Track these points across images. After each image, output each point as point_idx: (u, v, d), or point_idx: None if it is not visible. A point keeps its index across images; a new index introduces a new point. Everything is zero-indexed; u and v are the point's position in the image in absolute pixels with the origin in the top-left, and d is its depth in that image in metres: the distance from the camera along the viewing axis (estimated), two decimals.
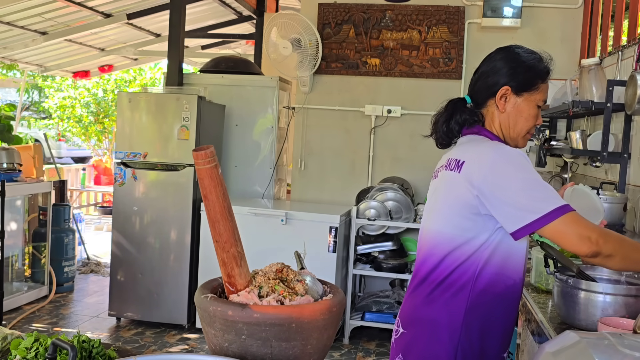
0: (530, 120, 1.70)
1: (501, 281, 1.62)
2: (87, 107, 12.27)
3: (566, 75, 4.23)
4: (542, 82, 1.70)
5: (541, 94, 1.70)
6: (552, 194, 1.52)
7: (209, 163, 1.14)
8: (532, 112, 1.70)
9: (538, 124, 1.71)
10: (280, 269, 1.22)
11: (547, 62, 1.75)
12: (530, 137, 1.73)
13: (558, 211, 1.48)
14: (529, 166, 1.56)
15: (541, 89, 1.70)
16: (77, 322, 4.74)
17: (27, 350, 1.20)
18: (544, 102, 1.71)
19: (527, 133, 1.71)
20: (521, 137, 1.72)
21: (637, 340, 0.92)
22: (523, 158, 1.57)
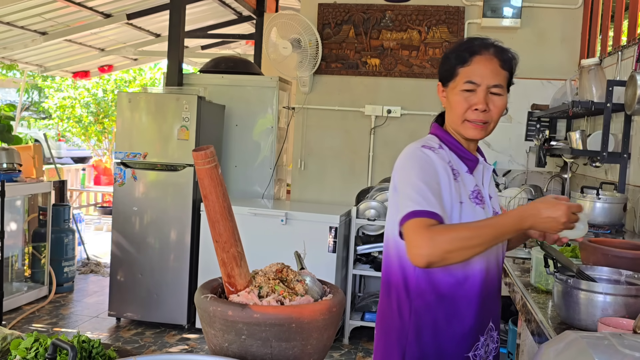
0: (457, 107, 1.60)
1: (441, 281, 1.59)
2: (87, 107, 12.28)
3: (566, 75, 4.23)
4: (462, 65, 1.61)
5: (463, 76, 1.60)
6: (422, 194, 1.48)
7: (209, 163, 1.14)
8: (457, 98, 1.60)
9: (475, 107, 1.58)
10: (280, 269, 1.22)
11: (469, 42, 1.65)
12: (474, 126, 1.59)
13: (405, 217, 1.46)
14: (422, 164, 1.55)
15: (462, 73, 1.60)
16: (77, 322, 4.74)
17: (27, 351, 1.20)
18: (469, 82, 1.58)
19: (464, 120, 1.60)
20: (459, 125, 1.62)
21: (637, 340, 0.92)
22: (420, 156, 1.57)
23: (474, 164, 1.67)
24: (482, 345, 1.66)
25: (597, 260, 1.81)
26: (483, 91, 1.58)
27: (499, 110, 1.61)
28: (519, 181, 4.79)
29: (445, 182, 1.57)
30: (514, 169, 4.85)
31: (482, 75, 1.59)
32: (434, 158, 1.58)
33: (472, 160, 1.66)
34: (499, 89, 1.60)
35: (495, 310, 1.72)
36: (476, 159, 1.68)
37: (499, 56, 1.62)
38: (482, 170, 1.70)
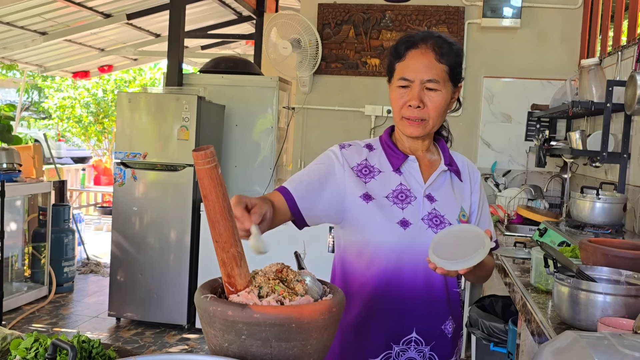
0: (394, 104, 1.59)
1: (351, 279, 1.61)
2: (86, 108, 12.28)
3: (566, 75, 4.23)
4: (399, 61, 1.58)
5: (398, 72, 1.57)
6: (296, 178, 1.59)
7: (209, 163, 1.14)
8: (393, 94, 1.58)
9: (409, 103, 1.55)
10: (280, 269, 1.22)
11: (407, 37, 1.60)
12: (409, 123, 1.56)
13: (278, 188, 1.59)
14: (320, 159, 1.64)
15: (397, 68, 1.58)
16: (76, 323, 4.74)
17: (26, 351, 1.20)
18: (403, 79, 1.55)
19: (401, 117, 1.57)
20: (398, 123, 1.61)
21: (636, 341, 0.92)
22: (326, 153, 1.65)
23: (399, 161, 1.61)
24: (397, 355, 1.57)
25: (597, 260, 1.81)
26: (417, 87, 1.54)
27: (435, 106, 1.55)
28: (519, 181, 4.79)
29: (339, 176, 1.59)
30: (514, 169, 4.85)
31: (416, 70, 1.54)
32: (337, 153, 1.63)
33: (398, 158, 1.61)
34: (434, 84, 1.54)
35: (425, 323, 1.58)
36: (404, 156, 1.61)
37: (436, 49, 1.54)
38: (419, 168, 1.62)
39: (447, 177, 1.64)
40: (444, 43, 1.56)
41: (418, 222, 1.56)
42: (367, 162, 1.62)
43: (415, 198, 1.58)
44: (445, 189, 1.63)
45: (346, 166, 1.60)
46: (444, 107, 1.57)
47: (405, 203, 1.57)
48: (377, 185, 1.58)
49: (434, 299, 1.58)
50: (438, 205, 1.59)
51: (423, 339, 1.57)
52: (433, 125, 1.58)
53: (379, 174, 1.60)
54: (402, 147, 1.64)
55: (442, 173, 1.63)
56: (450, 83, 1.57)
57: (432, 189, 1.60)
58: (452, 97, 1.61)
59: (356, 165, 1.61)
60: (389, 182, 1.59)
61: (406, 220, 1.55)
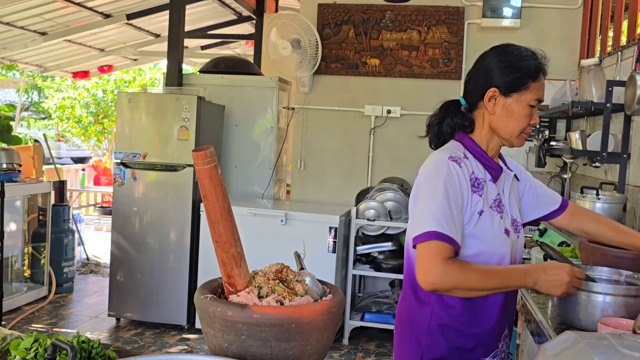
0: (522, 121, 1.65)
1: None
2: (86, 108, 12.28)
3: (566, 75, 4.23)
4: (533, 80, 1.64)
5: (533, 93, 1.64)
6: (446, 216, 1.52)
7: (209, 163, 1.14)
8: (523, 112, 1.64)
9: (534, 124, 1.67)
10: (280, 270, 1.22)
11: (540, 59, 1.70)
12: (526, 137, 1.70)
13: (426, 235, 1.51)
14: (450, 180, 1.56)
15: (532, 88, 1.64)
16: (76, 323, 4.74)
17: (26, 351, 1.20)
18: (537, 100, 1.65)
19: (521, 133, 1.67)
20: (514, 137, 1.67)
21: (636, 341, 0.92)
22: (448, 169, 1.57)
23: (497, 173, 1.69)
24: (500, 352, 1.69)
25: (597, 261, 1.81)
26: (537, 109, 1.67)
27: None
28: None
29: (466, 196, 1.59)
30: None
31: (544, 95, 1.68)
32: (459, 172, 1.58)
33: (496, 170, 1.69)
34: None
35: (512, 316, 1.74)
36: (500, 168, 1.70)
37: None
38: (504, 178, 1.72)
39: (511, 182, 1.75)
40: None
41: (510, 228, 1.68)
42: (474, 175, 1.65)
43: (504, 206, 1.69)
44: (512, 193, 1.76)
45: (467, 186, 1.60)
46: None
47: (502, 212, 1.67)
48: (485, 197, 1.65)
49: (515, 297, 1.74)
50: (512, 209, 1.73)
51: (509, 331, 1.72)
52: None
53: (484, 184, 1.66)
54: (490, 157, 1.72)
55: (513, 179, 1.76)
56: None
57: (510, 196, 1.73)
58: None
59: (471, 180, 1.63)
60: (491, 193, 1.67)
61: (507, 229, 1.66)
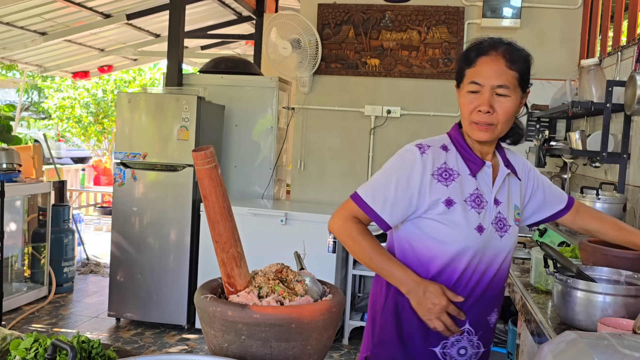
0: (464, 109, 1.62)
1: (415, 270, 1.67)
2: (86, 108, 12.28)
3: (566, 75, 4.23)
4: (468, 67, 1.61)
5: (468, 77, 1.60)
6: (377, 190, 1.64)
7: (209, 163, 1.14)
8: (463, 99, 1.61)
9: (478, 108, 1.58)
10: (279, 270, 1.22)
11: (478, 43, 1.63)
12: (478, 128, 1.60)
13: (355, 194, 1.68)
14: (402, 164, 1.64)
15: (468, 75, 1.61)
16: (76, 323, 4.74)
17: (26, 351, 1.20)
18: (474, 83, 1.58)
19: (470, 122, 1.61)
20: (467, 127, 1.63)
21: (636, 341, 0.92)
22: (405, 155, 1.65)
23: (477, 167, 1.65)
24: (452, 344, 1.65)
25: (597, 261, 1.81)
26: (487, 92, 1.57)
27: (505, 111, 1.58)
28: None
29: (419, 183, 1.60)
30: None
31: (487, 76, 1.57)
32: (417, 159, 1.62)
33: (476, 164, 1.65)
34: (504, 90, 1.58)
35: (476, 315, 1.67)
36: (481, 162, 1.66)
37: (507, 56, 1.59)
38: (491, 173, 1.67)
39: (508, 179, 1.70)
40: (514, 50, 1.62)
41: (489, 226, 1.63)
42: (446, 165, 1.63)
43: (487, 202, 1.64)
44: (505, 191, 1.70)
45: (427, 172, 1.61)
46: (513, 112, 1.61)
47: (481, 208, 1.63)
48: (457, 189, 1.62)
49: (489, 295, 1.68)
50: (502, 208, 1.66)
51: (473, 329, 1.66)
52: (501, 131, 1.62)
53: (458, 177, 1.63)
54: (475, 150, 1.68)
55: (506, 176, 1.69)
56: (519, 89, 1.61)
57: (499, 193, 1.67)
58: (521, 102, 1.65)
59: (436, 169, 1.62)
60: (467, 186, 1.63)
61: (481, 226, 1.61)
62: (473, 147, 1.66)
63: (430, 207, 1.60)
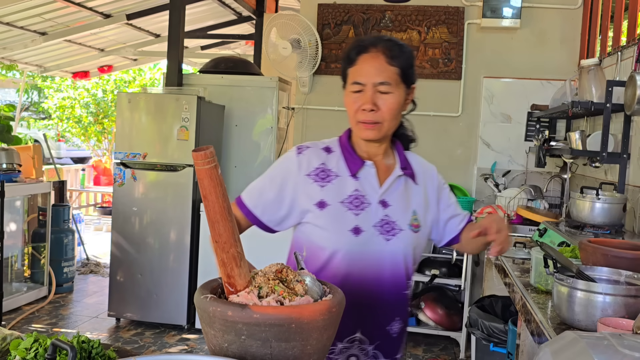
0: (349, 109, 1.59)
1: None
2: (86, 108, 12.29)
3: (566, 75, 4.23)
4: (350, 66, 1.59)
5: (351, 77, 1.58)
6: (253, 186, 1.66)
7: (209, 163, 1.14)
8: (348, 99, 1.59)
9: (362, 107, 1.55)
10: (279, 270, 1.21)
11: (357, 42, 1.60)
12: (365, 127, 1.57)
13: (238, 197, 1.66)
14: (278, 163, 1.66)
15: (350, 74, 1.58)
16: (76, 323, 4.74)
17: (26, 351, 1.20)
18: (355, 82, 1.55)
19: (357, 122, 1.58)
20: (354, 127, 1.61)
21: (636, 341, 0.92)
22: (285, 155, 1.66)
23: (357, 166, 1.61)
24: (340, 351, 1.59)
25: (597, 261, 1.81)
26: (369, 90, 1.54)
27: (389, 108, 1.55)
28: (519, 181, 4.79)
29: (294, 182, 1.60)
30: (514, 169, 4.85)
31: (367, 74, 1.54)
32: (293, 159, 1.62)
33: (355, 163, 1.61)
34: (386, 87, 1.54)
35: (370, 323, 1.60)
36: (361, 162, 1.61)
37: (387, 52, 1.55)
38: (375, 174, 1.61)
39: (402, 182, 1.65)
40: (394, 46, 1.57)
41: (370, 228, 1.57)
42: (324, 166, 1.61)
43: (370, 204, 1.58)
44: (399, 194, 1.63)
45: (302, 173, 1.60)
46: (398, 109, 1.58)
47: (360, 209, 1.57)
48: (333, 191, 1.58)
49: (381, 302, 1.60)
50: (391, 210, 1.60)
51: (367, 338, 1.60)
52: (388, 128, 1.59)
53: (336, 178, 1.60)
54: (360, 151, 1.64)
55: (398, 178, 1.63)
56: (402, 85, 1.57)
57: (387, 195, 1.61)
58: (406, 98, 1.61)
59: (313, 169, 1.61)
60: (344, 188, 1.59)
61: (358, 227, 1.56)
62: (359, 148, 1.64)
63: (306, 210, 1.59)
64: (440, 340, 4.64)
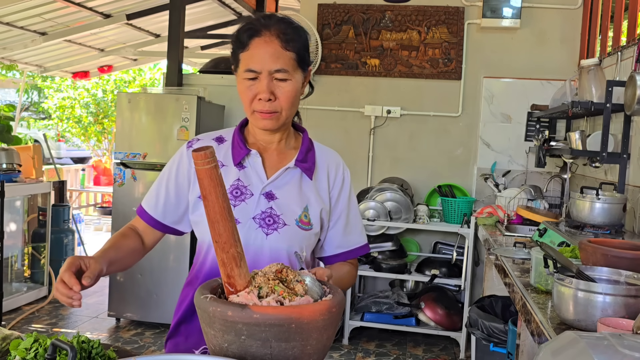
0: (243, 98, 1.48)
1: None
2: (86, 108, 12.29)
3: (566, 75, 4.23)
4: (242, 50, 1.47)
5: (243, 64, 1.46)
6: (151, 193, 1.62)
7: (209, 163, 1.14)
8: (241, 87, 1.47)
9: (258, 97, 1.45)
10: (279, 270, 1.21)
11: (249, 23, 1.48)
12: (262, 117, 1.47)
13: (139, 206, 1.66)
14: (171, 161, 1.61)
15: (242, 59, 1.47)
16: (76, 323, 4.74)
17: (26, 351, 1.20)
18: (249, 70, 1.45)
19: (253, 111, 1.48)
20: (250, 117, 1.52)
21: (636, 341, 0.92)
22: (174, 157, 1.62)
23: (240, 155, 1.53)
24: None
25: (597, 261, 1.81)
26: (265, 78, 1.44)
27: (287, 97, 1.46)
28: (519, 181, 4.79)
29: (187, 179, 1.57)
30: (514, 169, 4.85)
31: (262, 60, 1.43)
32: (183, 154, 1.59)
33: (240, 153, 1.53)
34: (283, 74, 1.44)
35: None
36: (246, 150, 1.53)
37: (281, 37, 1.44)
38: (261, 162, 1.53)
39: (297, 175, 1.55)
40: (289, 28, 1.47)
41: (248, 221, 1.48)
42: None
43: (252, 195, 1.51)
44: (290, 187, 1.54)
45: (191, 167, 1.53)
46: (296, 96, 1.49)
47: (239, 200, 1.50)
48: None
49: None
50: (277, 204, 1.50)
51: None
52: (287, 117, 1.50)
53: (222, 168, 1.52)
54: (253, 140, 1.57)
55: (290, 170, 1.54)
56: (299, 70, 1.49)
57: (274, 187, 1.52)
58: (303, 83, 1.53)
59: None
60: (227, 178, 1.51)
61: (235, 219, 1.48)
62: (252, 136, 1.57)
63: (193, 203, 1.55)
64: (440, 340, 4.65)
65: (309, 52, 1.53)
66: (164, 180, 1.60)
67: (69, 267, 1.29)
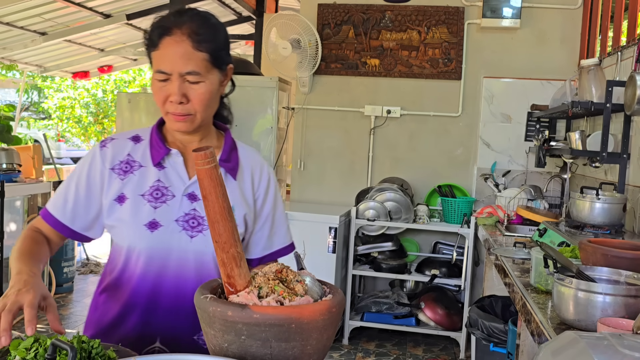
0: (156, 98, 1.41)
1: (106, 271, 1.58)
2: (86, 108, 12.30)
3: (566, 75, 4.23)
4: (153, 49, 1.40)
5: (155, 64, 1.40)
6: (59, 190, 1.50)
7: (209, 163, 1.14)
8: (154, 87, 1.41)
9: (169, 99, 1.38)
10: (279, 270, 1.21)
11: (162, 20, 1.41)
12: (176, 119, 1.40)
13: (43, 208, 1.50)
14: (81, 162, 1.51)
15: (154, 58, 1.40)
16: (76, 323, 4.74)
17: (26, 351, 1.20)
18: (159, 71, 1.38)
19: (166, 113, 1.41)
20: (165, 117, 1.44)
21: (636, 341, 0.92)
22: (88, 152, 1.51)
23: (159, 155, 1.46)
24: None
25: (597, 261, 1.81)
26: (176, 80, 1.37)
27: (200, 99, 1.39)
28: (519, 181, 4.79)
29: (100, 180, 1.46)
30: (514, 169, 4.85)
31: (172, 62, 1.37)
32: (96, 154, 1.48)
33: (160, 152, 1.47)
34: (195, 77, 1.37)
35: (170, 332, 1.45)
36: (165, 150, 1.47)
37: (193, 37, 1.37)
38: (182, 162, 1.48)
39: (224, 177, 1.49)
40: (201, 26, 1.39)
41: (171, 223, 1.43)
42: (129, 158, 1.48)
43: (173, 197, 1.45)
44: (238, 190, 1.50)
45: (105, 168, 1.47)
46: (211, 97, 1.42)
47: (160, 202, 1.44)
48: (134, 183, 1.45)
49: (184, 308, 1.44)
50: (200, 205, 1.42)
51: (168, 349, 1.44)
52: (202, 119, 1.43)
53: (139, 169, 1.46)
54: (172, 139, 1.50)
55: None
56: (215, 69, 1.42)
57: (197, 187, 1.38)
58: (222, 82, 1.47)
59: (118, 163, 1.47)
60: (146, 179, 1.45)
61: (156, 222, 1.42)
62: (171, 135, 1.50)
63: (108, 207, 1.45)
64: (440, 340, 4.65)
65: (227, 49, 1.46)
66: (74, 181, 1.48)
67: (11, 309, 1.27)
